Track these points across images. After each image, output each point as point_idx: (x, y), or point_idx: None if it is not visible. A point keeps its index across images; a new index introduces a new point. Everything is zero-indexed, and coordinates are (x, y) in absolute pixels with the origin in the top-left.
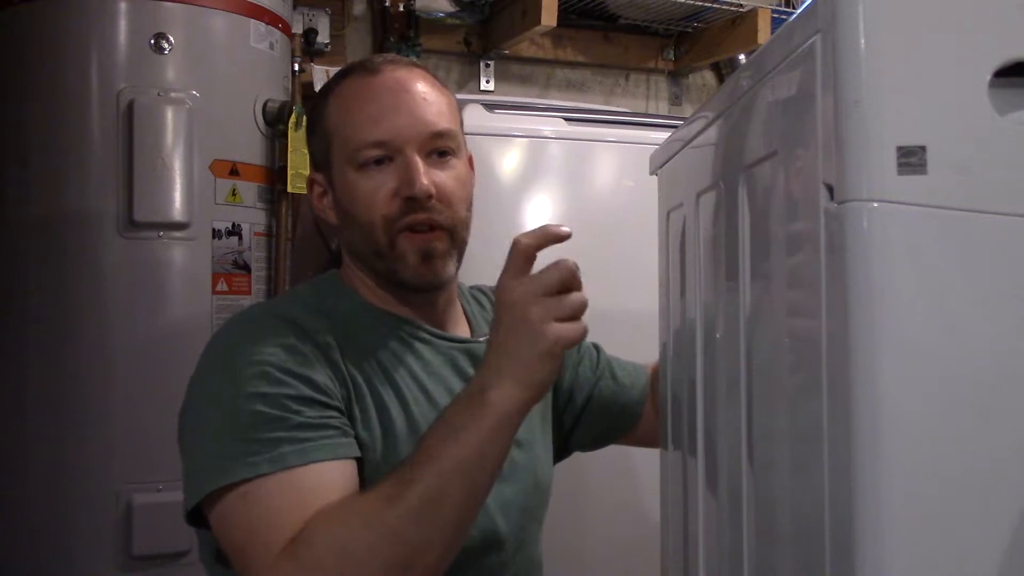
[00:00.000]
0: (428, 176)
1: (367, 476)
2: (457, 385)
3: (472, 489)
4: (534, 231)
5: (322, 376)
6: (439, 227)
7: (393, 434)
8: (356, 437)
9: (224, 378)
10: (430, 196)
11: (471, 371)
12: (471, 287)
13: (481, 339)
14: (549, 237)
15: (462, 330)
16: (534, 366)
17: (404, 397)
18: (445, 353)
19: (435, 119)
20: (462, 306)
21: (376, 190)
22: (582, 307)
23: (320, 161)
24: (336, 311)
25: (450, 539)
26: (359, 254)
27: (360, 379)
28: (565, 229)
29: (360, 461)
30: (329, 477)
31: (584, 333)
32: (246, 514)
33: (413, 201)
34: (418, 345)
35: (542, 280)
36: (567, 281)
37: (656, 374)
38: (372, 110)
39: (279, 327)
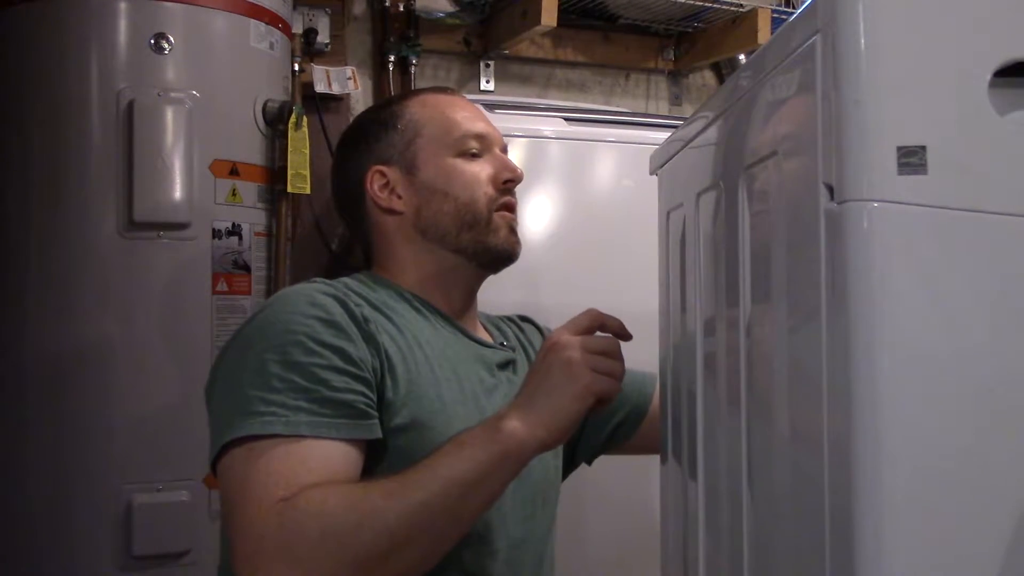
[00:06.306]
0: None
1: (390, 442)
2: (486, 377)
3: (465, 507)
4: (613, 318)
5: (356, 348)
6: (515, 209)
7: (421, 398)
8: (384, 399)
9: (260, 342)
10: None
11: (495, 368)
12: (492, 316)
13: (499, 345)
14: (618, 329)
15: (482, 336)
16: (559, 406)
17: (436, 374)
18: (471, 349)
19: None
20: (481, 323)
21: (478, 173)
22: (621, 372)
23: (394, 154)
24: (377, 295)
25: (430, 545)
26: (439, 231)
27: (394, 351)
28: (628, 332)
29: (384, 434)
30: (332, 454)
31: (616, 391)
32: (246, 467)
33: (511, 183)
34: (450, 336)
35: (591, 338)
36: (612, 347)
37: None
38: (468, 113)
39: (321, 299)
